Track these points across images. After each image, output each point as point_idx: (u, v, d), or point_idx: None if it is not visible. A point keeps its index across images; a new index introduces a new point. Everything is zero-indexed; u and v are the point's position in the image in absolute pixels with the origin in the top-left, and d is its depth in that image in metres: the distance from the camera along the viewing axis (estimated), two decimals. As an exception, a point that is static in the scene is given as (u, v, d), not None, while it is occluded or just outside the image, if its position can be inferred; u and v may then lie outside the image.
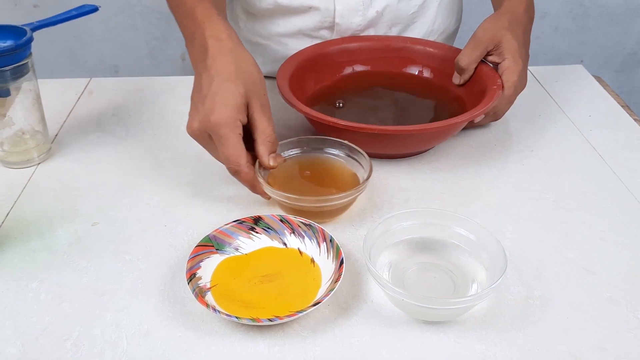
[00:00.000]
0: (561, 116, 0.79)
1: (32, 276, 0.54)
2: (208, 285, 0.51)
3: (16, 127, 0.67)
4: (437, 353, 0.47)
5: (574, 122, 0.77)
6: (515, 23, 0.72)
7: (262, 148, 0.58)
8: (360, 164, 0.61)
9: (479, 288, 0.50)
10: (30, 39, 0.63)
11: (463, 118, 0.64)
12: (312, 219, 0.55)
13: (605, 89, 0.85)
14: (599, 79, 0.88)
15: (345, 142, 0.62)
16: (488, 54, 0.72)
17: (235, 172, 0.57)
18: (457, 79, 0.75)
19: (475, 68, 0.73)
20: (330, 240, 0.54)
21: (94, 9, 0.71)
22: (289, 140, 0.63)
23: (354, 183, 0.61)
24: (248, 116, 0.57)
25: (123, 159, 0.70)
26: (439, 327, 0.49)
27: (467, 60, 0.72)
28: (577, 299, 0.51)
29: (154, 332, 0.48)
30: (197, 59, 0.61)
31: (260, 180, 0.57)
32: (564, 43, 1.80)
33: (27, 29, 0.64)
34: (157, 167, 0.69)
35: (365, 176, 0.58)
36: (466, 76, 0.74)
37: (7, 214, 0.61)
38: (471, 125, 0.74)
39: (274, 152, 0.59)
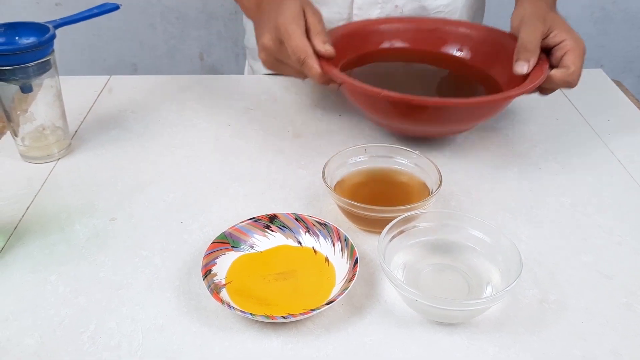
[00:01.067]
0: (580, 120, 0.78)
1: (51, 269, 0.54)
2: (223, 282, 0.52)
3: (37, 123, 0.68)
4: (450, 354, 0.47)
5: (592, 127, 0.76)
6: (551, 7, 0.71)
7: (315, 40, 0.66)
8: (428, 174, 0.61)
9: (493, 290, 0.50)
10: (53, 36, 0.64)
11: (516, 92, 0.64)
12: (379, 229, 0.55)
13: (625, 93, 0.84)
14: (618, 83, 0.87)
15: (415, 152, 0.62)
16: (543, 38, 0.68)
17: (302, 63, 0.64)
18: (524, 66, 0.67)
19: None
20: (345, 240, 0.54)
21: (115, 8, 0.72)
22: (357, 146, 0.63)
23: (423, 193, 0.60)
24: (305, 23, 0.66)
25: (141, 156, 0.71)
26: (452, 329, 0.49)
27: (535, 41, 0.67)
28: (593, 304, 0.51)
29: (169, 326, 0.49)
30: (253, 8, 0.74)
31: (327, 187, 0.57)
32: (583, 47, 1.79)
33: (50, 26, 0.65)
34: (174, 164, 0.69)
35: (435, 187, 0.58)
36: (535, 59, 0.68)
37: (27, 208, 0.62)
38: (544, 91, 0.71)
39: (326, 42, 0.66)
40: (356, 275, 0.50)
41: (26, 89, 0.65)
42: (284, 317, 0.47)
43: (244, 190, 0.64)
